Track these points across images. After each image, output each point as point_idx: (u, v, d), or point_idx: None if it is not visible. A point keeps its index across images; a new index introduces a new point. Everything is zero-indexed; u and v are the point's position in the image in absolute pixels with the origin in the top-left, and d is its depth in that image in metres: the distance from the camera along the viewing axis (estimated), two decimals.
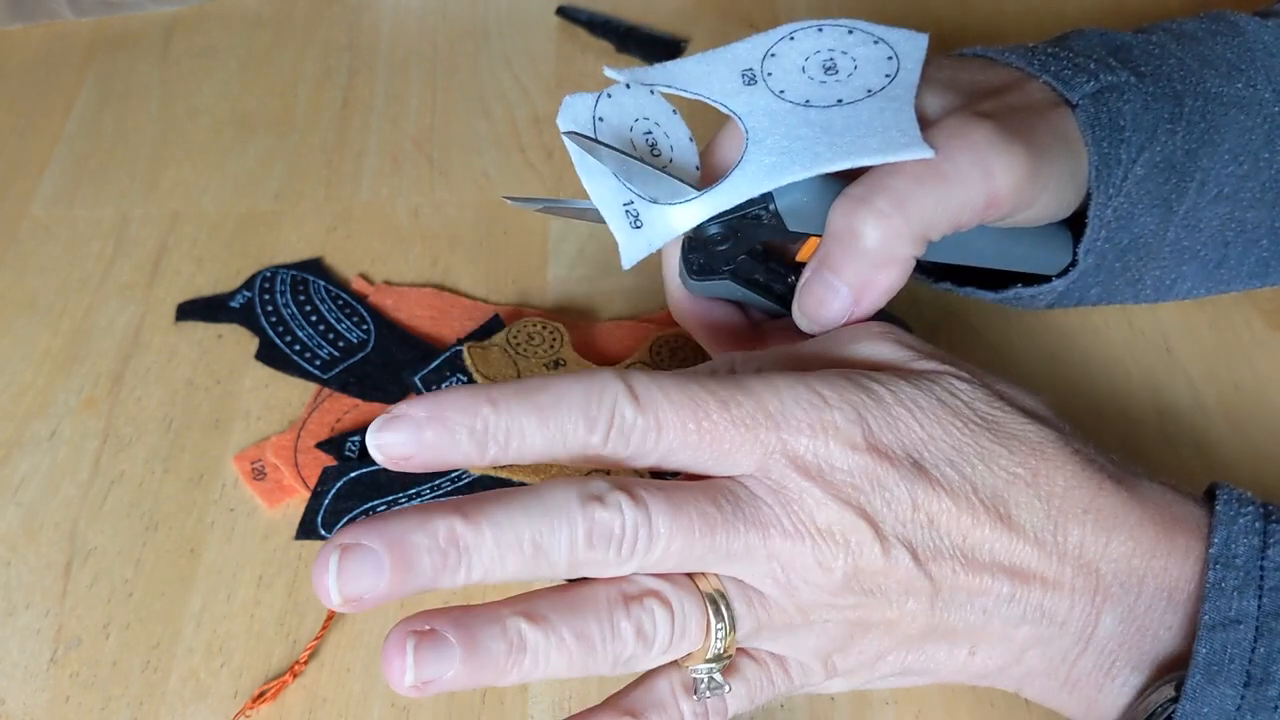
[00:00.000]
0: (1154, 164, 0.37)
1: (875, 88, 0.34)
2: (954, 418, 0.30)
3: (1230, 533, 0.30)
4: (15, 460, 0.45)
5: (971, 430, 0.30)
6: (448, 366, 0.45)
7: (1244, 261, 0.42)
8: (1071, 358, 0.46)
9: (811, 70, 0.35)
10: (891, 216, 0.32)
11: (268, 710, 0.38)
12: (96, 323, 0.49)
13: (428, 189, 0.55)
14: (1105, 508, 0.31)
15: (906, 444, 0.30)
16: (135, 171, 0.56)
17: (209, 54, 0.62)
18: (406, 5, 0.65)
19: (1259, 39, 0.40)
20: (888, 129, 0.33)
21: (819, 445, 0.29)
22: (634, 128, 0.35)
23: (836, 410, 0.29)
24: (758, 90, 0.35)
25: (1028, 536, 0.30)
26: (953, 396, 0.31)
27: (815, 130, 0.34)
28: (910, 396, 0.30)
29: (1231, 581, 0.29)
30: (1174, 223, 0.39)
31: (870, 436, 0.29)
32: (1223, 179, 0.39)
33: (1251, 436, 0.43)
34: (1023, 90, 0.36)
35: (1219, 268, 0.42)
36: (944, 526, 0.29)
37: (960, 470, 0.30)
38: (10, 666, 0.39)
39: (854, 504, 0.29)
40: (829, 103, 0.34)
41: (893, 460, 0.29)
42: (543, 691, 0.38)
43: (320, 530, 0.40)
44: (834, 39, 0.35)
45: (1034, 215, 0.35)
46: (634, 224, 0.34)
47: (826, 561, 0.29)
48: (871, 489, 0.29)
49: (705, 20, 0.62)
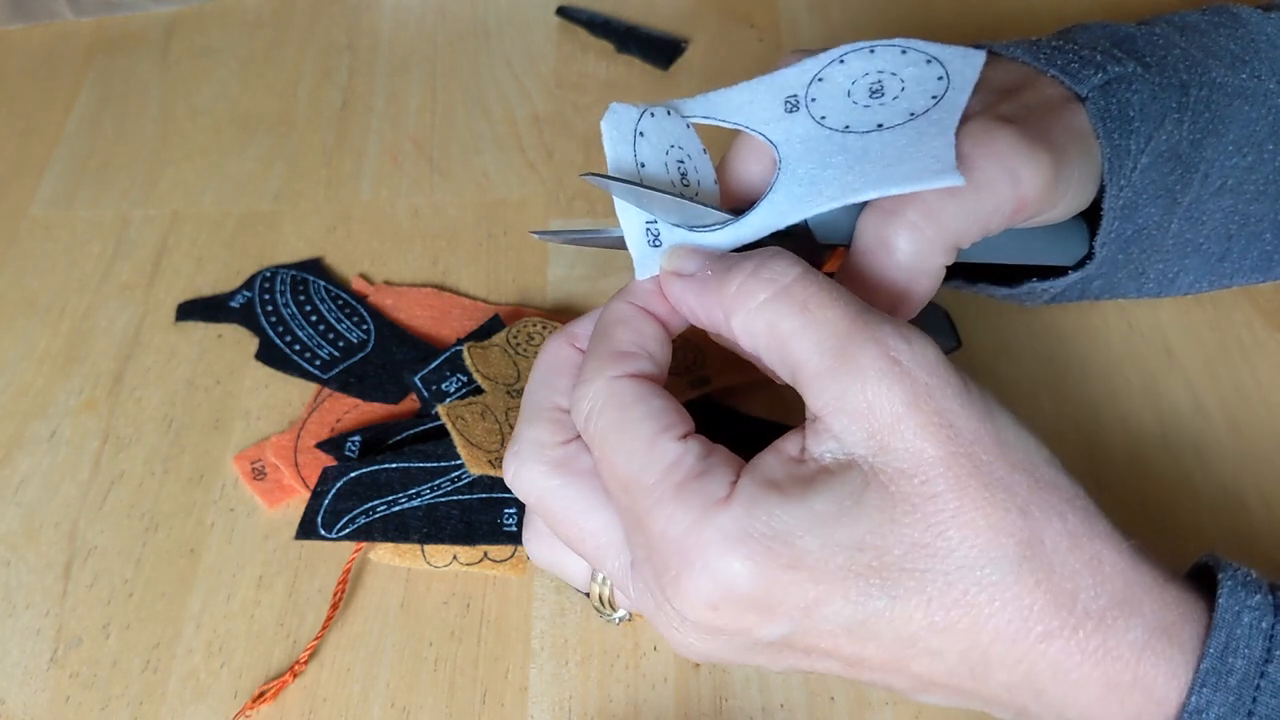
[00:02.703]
0: (1159, 154, 0.37)
1: (919, 110, 0.33)
2: (869, 564, 0.28)
3: (1231, 637, 0.28)
4: (15, 460, 0.45)
5: (884, 581, 0.28)
6: (448, 366, 0.45)
7: (1246, 255, 0.42)
8: (1070, 360, 0.46)
9: (857, 94, 0.34)
10: (923, 228, 0.32)
11: (268, 710, 0.38)
12: (96, 323, 0.50)
13: (428, 189, 0.55)
14: (1040, 664, 0.28)
15: (797, 603, 0.28)
16: (135, 171, 0.56)
17: (209, 54, 0.62)
18: (406, 5, 0.65)
19: (1262, 31, 0.40)
20: (922, 156, 0.32)
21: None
22: (670, 152, 0.34)
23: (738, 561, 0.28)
24: (798, 117, 0.34)
25: (939, 680, 0.29)
26: (880, 524, 0.28)
27: (850, 157, 0.33)
28: (823, 546, 0.28)
29: (1215, 710, 0.27)
30: (1178, 214, 0.39)
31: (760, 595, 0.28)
32: (1226, 170, 0.39)
33: (1251, 438, 0.43)
34: (1035, 88, 0.36)
35: (1221, 261, 0.42)
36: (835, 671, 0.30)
37: (856, 631, 0.28)
38: (10, 666, 0.39)
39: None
40: (869, 128, 0.33)
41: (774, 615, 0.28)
42: (543, 692, 0.38)
43: (320, 530, 0.40)
44: (885, 60, 0.34)
45: (1057, 214, 0.35)
46: (653, 243, 0.33)
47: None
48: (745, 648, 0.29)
49: (705, 20, 0.62)
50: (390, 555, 0.41)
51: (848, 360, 0.28)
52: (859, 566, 0.27)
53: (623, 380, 0.30)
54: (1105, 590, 0.28)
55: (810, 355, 0.29)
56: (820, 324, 0.29)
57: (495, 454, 0.41)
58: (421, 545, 0.41)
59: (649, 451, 0.29)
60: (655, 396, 0.30)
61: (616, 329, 0.32)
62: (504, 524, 0.40)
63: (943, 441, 0.28)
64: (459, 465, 0.41)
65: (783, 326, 0.29)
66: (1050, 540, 0.28)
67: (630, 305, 0.32)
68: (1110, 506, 0.41)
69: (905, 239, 0.32)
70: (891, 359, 0.28)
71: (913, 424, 0.28)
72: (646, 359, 0.31)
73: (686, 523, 0.28)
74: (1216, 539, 0.41)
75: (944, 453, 0.28)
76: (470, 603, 0.40)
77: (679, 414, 0.30)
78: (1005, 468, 0.28)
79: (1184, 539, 0.41)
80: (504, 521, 0.40)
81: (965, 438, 0.28)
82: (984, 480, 0.28)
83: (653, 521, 0.28)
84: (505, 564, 0.40)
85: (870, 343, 0.28)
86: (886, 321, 0.29)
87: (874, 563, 0.27)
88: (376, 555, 0.41)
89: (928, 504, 0.27)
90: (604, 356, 0.31)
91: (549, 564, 0.35)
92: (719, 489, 0.28)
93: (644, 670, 0.38)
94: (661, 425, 0.29)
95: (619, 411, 0.30)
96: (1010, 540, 0.27)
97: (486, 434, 0.42)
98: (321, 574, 0.41)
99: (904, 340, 0.28)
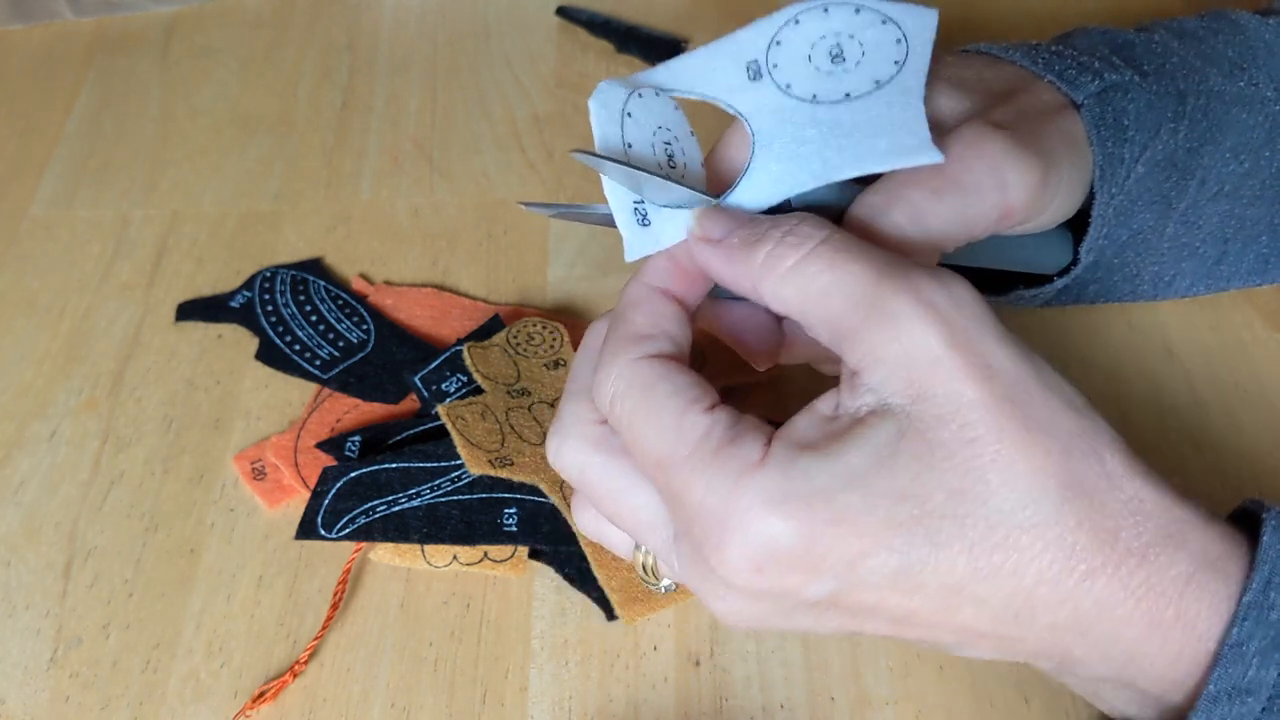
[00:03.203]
0: (1155, 162, 0.37)
1: (884, 78, 0.33)
2: (910, 513, 0.27)
3: (1275, 572, 0.28)
4: (15, 460, 0.45)
5: (927, 530, 0.28)
6: (448, 366, 0.45)
7: (1243, 258, 0.42)
8: (1071, 359, 0.46)
9: (818, 59, 0.33)
10: (909, 231, 0.32)
11: (268, 710, 0.38)
12: (96, 323, 0.50)
13: (428, 189, 0.55)
14: (1084, 602, 0.28)
15: (842, 557, 0.28)
16: (135, 171, 0.56)
17: (209, 54, 0.62)
18: (406, 5, 0.65)
19: (1260, 37, 0.40)
20: (897, 129, 0.32)
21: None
22: (657, 134, 0.34)
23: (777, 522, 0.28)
24: (763, 85, 0.34)
25: (984, 629, 0.29)
26: (919, 473, 0.27)
27: (823, 131, 0.33)
28: (863, 499, 0.28)
29: (1256, 643, 0.27)
30: (1173, 219, 0.39)
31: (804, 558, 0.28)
32: (1223, 176, 0.39)
33: (1252, 437, 0.43)
34: (1031, 92, 0.36)
35: (1218, 264, 0.42)
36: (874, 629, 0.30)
37: (899, 581, 0.28)
38: (10, 666, 0.39)
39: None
40: (837, 97, 0.33)
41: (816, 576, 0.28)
42: (543, 692, 0.38)
43: (320, 530, 0.40)
44: (841, 20, 0.33)
45: (1043, 221, 0.35)
46: (641, 221, 0.33)
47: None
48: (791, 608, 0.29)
49: (705, 20, 0.62)
50: (390, 555, 0.41)
51: (881, 309, 0.28)
52: (901, 516, 0.27)
53: (642, 362, 0.31)
54: (1147, 528, 0.28)
55: (843, 311, 0.28)
56: (850, 278, 0.28)
57: (495, 454, 0.41)
58: (421, 545, 0.41)
59: (679, 426, 0.29)
60: (678, 373, 0.30)
61: (633, 312, 0.32)
62: (504, 524, 0.40)
63: (981, 382, 0.27)
64: (459, 465, 0.41)
65: (812, 287, 0.29)
66: (1090, 481, 0.28)
67: (646, 286, 0.32)
68: None
69: (891, 243, 0.32)
70: (927, 303, 0.28)
71: (951, 366, 0.27)
72: (665, 339, 0.31)
73: (725, 489, 0.28)
74: None
75: (983, 394, 0.27)
76: (470, 603, 0.40)
77: (703, 387, 0.30)
78: (1046, 410, 0.28)
79: None
80: (504, 521, 0.40)
81: (1005, 379, 0.28)
82: (1024, 422, 0.27)
83: (690, 493, 0.28)
84: (505, 564, 0.40)
85: (904, 290, 0.28)
86: (917, 268, 0.28)
87: (915, 511, 0.27)
88: (376, 555, 0.41)
89: (966, 448, 0.27)
90: (622, 340, 0.31)
91: (595, 535, 0.35)
92: (753, 453, 0.28)
93: (644, 670, 0.38)
94: (688, 399, 0.29)
95: (643, 392, 0.30)
96: (1051, 481, 0.27)
97: (486, 434, 0.42)
98: (321, 574, 0.41)
99: (939, 284, 0.28)
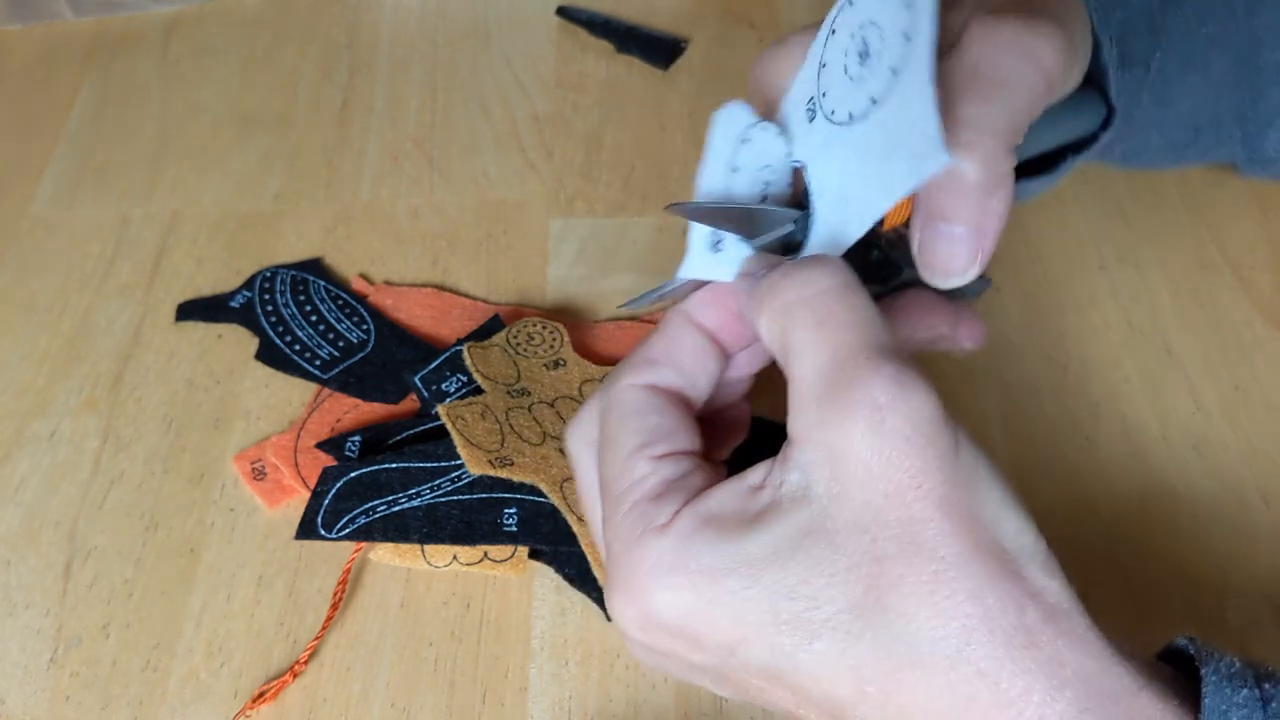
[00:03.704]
0: (1133, 13, 0.37)
1: (898, 62, 0.29)
2: (797, 614, 0.26)
3: None
4: (15, 460, 0.45)
5: (810, 636, 0.26)
6: (448, 366, 0.45)
7: (1213, 150, 0.41)
8: (1070, 359, 0.46)
9: (851, 66, 0.30)
10: (984, 142, 0.30)
11: (268, 710, 0.38)
12: (96, 323, 0.50)
13: (428, 189, 0.55)
14: None
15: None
16: (135, 171, 0.56)
17: (209, 54, 0.62)
18: (406, 5, 0.65)
19: None
20: (912, 134, 0.29)
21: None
22: (762, 172, 0.33)
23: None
24: (817, 123, 0.32)
25: None
26: (815, 576, 0.26)
27: (859, 159, 0.30)
28: (747, 587, 0.27)
29: None
30: (1147, 86, 0.38)
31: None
32: (1190, 42, 0.38)
33: (1251, 437, 0.43)
34: None
35: (1187, 149, 0.41)
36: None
37: None
38: (10, 666, 0.39)
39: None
40: (865, 109, 0.30)
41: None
42: (543, 691, 0.38)
43: (320, 530, 0.40)
44: (865, 6, 0.30)
45: (1073, 80, 0.34)
46: (714, 247, 0.33)
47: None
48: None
49: (705, 20, 0.62)
50: (390, 555, 0.41)
51: (836, 391, 0.27)
52: (786, 615, 0.26)
53: (633, 389, 0.31)
54: (1063, 695, 0.25)
55: (806, 374, 0.27)
56: (828, 345, 0.27)
57: (495, 454, 0.41)
58: (421, 545, 0.41)
59: (624, 465, 0.30)
60: (654, 411, 0.30)
61: (656, 335, 0.32)
62: (504, 524, 0.40)
63: (905, 504, 0.26)
64: (459, 465, 0.41)
65: (794, 337, 0.28)
66: (1003, 632, 0.25)
67: (680, 313, 0.33)
68: (1110, 506, 0.42)
69: (969, 160, 0.30)
70: (874, 403, 0.26)
71: (877, 477, 0.26)
72: (672, 369, 0.31)
73: (628, 543, 0.28)
74: (1217, 538, 0.41)
75: (903, 516, 0.26)
76: (470, 603, 0.40)
77: (673, 431, 0.30)
78: (966, 545, 0.26)
79: (1184, 539, 0.41)
80: (504, 521, 0.40)
81: (930, 503, 0.26)
82: (938, 554, 0.26)
83: (608, 531, 0.29)
84: (505, 564, 0.40)
85: (864, 380, 0.26)
86: (892, 361, 0.27)
87: (803, 614, 0.26)
88: (376, 555, 0.41)
89: (873, 565, 0.26)
90: (633, 361, 0.32)
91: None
92: (664, 516, 0.28)
93: (644, 670, 0.38)
94: (643, 441, 0.30)
95: (617, 420, 0.31)
96: (954, 624, 0.25)
97: (486, 434, 0.42)
98: (321, 574, 0.41)
99: (897, 385, 0.26)
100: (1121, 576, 0.40)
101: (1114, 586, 0.39)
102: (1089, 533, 0.41)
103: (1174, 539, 0.41)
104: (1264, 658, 0.38)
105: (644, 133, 0.57)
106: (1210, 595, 0.39)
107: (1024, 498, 0.44)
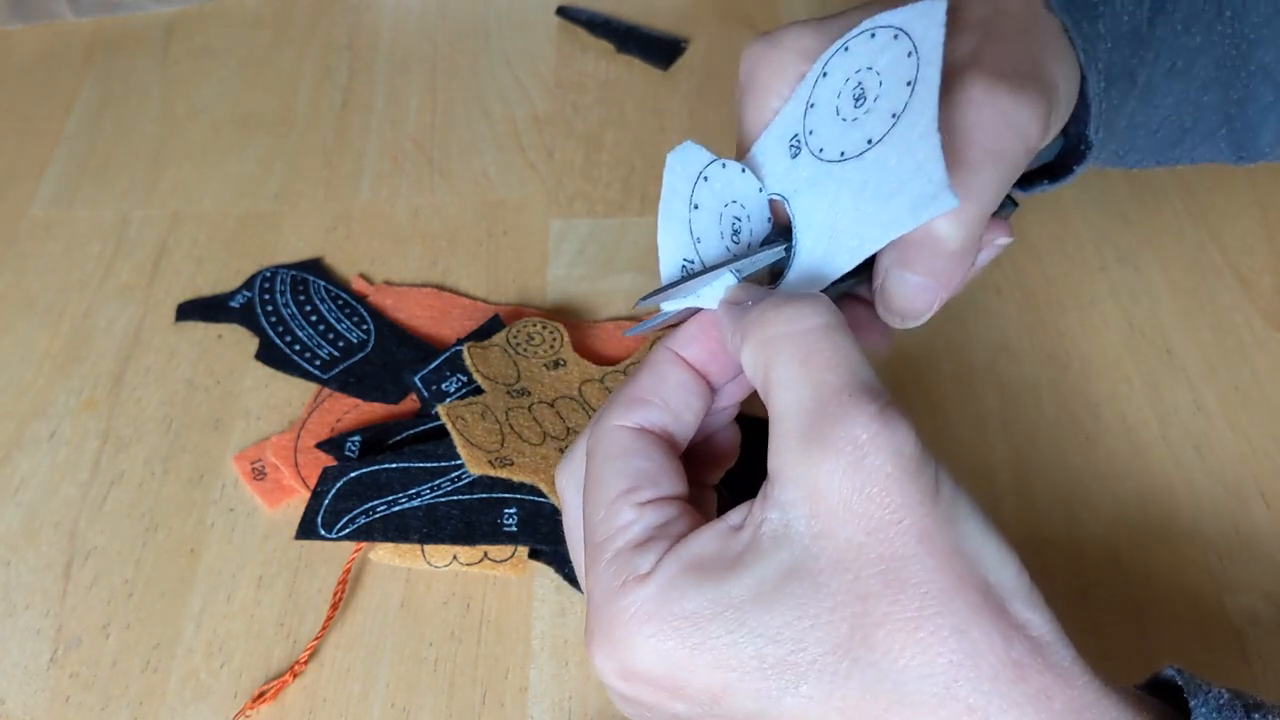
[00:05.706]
0: (1121, 35, 0.37)
1: (899, 108, 0.30)
2: (783, 657, 0.26)
3: None
4: (15, 460, 0.45)
5: (796, 679, 0.26)
6: (448, 366, 0.45)
7: (1199, 149, 0.42)
8: (1071, 359, 0.46)
9: (844, 109, 0.31)
10: (966, 210, 0.31)
11: (268, 710, 0.38)
12: (96, 323, 0.50)
13: (428, 189, 0.55)
14: None
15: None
16: (135, 171, 0.56)
17: (209, 54, 0.62)
18: (406, 5, 0.65)
19: None
20: (915, 176, 0.30)
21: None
22: (727, 208, 0.33)
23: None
24: (801, 159, 0.32)
25: None
26: (799, 617, 0.26)
27: (853, 195, 0.31)
28: (731, 632, 0.27)
29: None
30: (1133, 95, 0.39)
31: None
32: (1176, 50, 0.38)
33: (1251, 437, 0.43)
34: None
35: (1173, 148, 0.42)
36: None
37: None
38: (10, 666, 0.39)
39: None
40: (860, 149, 0.31)
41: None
42: (543, 692, 0.38)
43: (320, 530, 0.40)
44: (861, 53, 0.31)
45: (1054, 132, 0.34)
46: (684, 270, 0.33)
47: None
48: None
49: (705, 20, 0.62)
50: (390, 555, 0.41)
51: (818, 429, 0.26)
52: (771, 659, 0.26)
53: (617, 429, 0.31)
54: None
55: (788, 410, 0.27)
56: (811, 383, 0.27)
57: (495, 454, 0.41)
58: (421, 545, 0.41)
59: (607, 510, 0.29)
60: (638, 454, 0.30)
61: (643, 372, 0.32)
62: (504, 524, 0.40)
63: (888, 540, 0.25)
64: (459, 465, 0.41)
65: (776, 372, 0.28)
66: (990, 667, 0.25)
67: (667, 350, 0.32)
68: (1110, 506, 0.42)
69: (953, 225, 0.31)
70: (855, 441, 0.26)
71: (859, 514, 0.26)
72: (659, 407, 0.31)
73: (609, 592, 0.28)
74: (1217, 538, 0.41)
75: (886, 552, 0.25)
76: (470, 603, 0.40)
77: (658, 476, 0.30)
78: (949, 580, 0.25)
79: (1184, 539, 0.41)
80: (504, 521, 0.40)
81: (912, 539, 0.25)
82: (921, 589, 0.25)
83: (589, 579, 0.29)
84: (505, 564, 0.40)
85: (845, 418, 0.26)
86: (874, 400, 0.26)
87: (788, 657, 0.26)
88: (376, 555, 0.41)
89: (857, 604, 0.25)
90: (620, 399, 0.31)
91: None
92: (645, 564, 0.28)
93: None
94: (628, 487, 0.29)
95: (602, 462, 0.30)
96: (941, 660, 0.25)
97: (486, 434, 0.42)
98: (321, 574, 0.41)
99: (879, 423, 0.26)
100: (1121, 576, 0.40)
101: (1114, 586, 0.39)
102: (1089, 533, 0.41)
103: (1174, 539, 0.41)
104: (1264, 657, 0.38)
105: (644, 133, 0.57)
106: (1210, 595, 0.39)
107: (1024, 498, 0.44)
